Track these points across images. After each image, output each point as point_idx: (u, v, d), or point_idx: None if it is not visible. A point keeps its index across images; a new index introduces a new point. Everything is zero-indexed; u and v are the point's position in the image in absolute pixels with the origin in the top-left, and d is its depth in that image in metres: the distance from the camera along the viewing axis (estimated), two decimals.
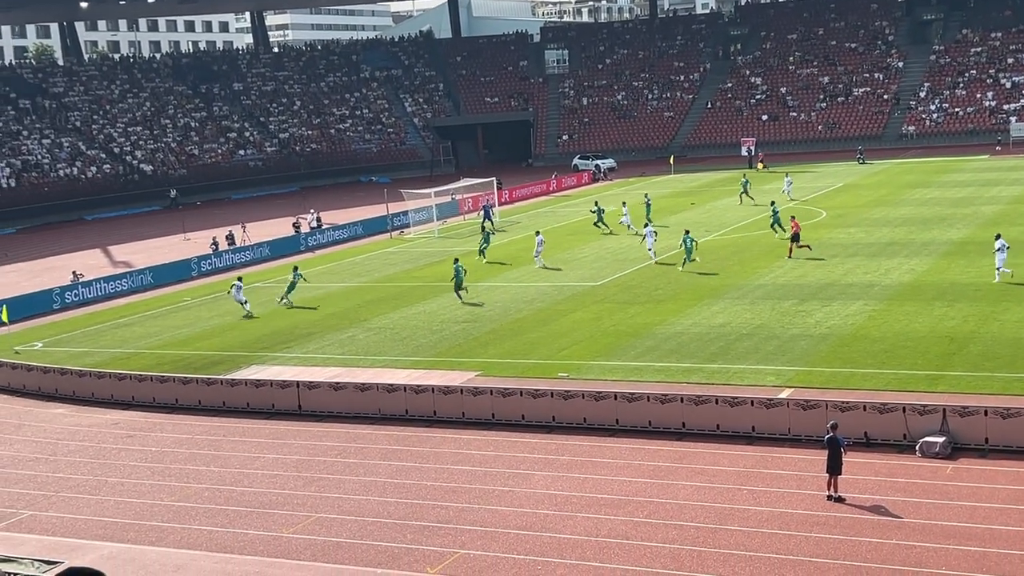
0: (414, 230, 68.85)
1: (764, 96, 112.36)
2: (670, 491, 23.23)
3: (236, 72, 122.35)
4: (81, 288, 52.52)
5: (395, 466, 26.26)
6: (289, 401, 31.50)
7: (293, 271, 47.74)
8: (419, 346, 37.15)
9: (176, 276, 56.44)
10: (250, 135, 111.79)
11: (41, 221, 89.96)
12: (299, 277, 47.08)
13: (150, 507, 24.85)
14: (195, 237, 70.80)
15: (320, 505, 24.07)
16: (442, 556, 20.90)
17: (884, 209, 60.50)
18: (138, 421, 32.08)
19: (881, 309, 36.91)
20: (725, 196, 72.43)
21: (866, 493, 22.29)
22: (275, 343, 39.38)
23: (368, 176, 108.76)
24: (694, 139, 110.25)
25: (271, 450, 28.32)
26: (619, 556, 20.29)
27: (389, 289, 48.21)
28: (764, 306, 38.70)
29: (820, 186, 74.59)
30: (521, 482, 24.47)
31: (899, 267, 43.71)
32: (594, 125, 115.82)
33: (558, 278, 47.56)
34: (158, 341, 41.57)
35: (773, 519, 21.42)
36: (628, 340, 35.51)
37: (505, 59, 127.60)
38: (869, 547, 19.88)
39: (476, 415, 29.07)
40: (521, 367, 33.28)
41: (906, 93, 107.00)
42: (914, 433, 24.59)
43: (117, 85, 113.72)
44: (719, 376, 30.58)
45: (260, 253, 62.23)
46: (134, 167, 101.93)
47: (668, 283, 44.31)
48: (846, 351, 32.15)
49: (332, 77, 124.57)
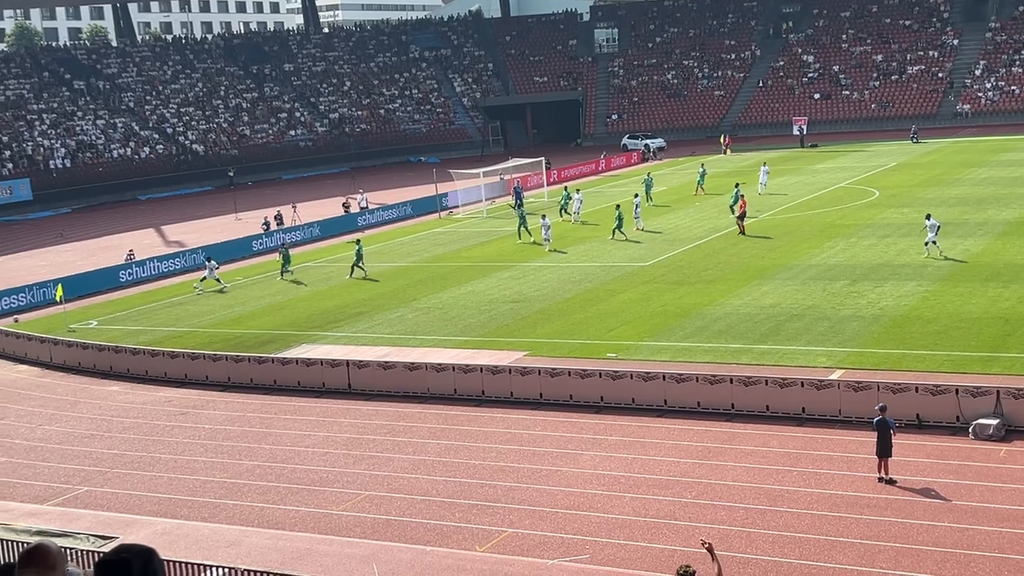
0: (463, 210, 68.93)
1: (816, 74, 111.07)
2: (719, 472, 23.16)
3: (287, 52, 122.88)
4: (135, 267, 53.17)
5: (443, 445, 26.40)
6: (339, 380, 31.74)
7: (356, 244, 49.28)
8: (467, 326, 37.26)
9: (228, 255, 56.90)
10: (301, 116, 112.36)
11: (96, 201, 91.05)
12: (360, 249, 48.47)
13: (203, 484, 25.18)
14: (246, 217, 71.38)
15: (369, 483, 24.26)
16: (490, 535, 21.00)
17: (938, 189, 59.70)
18: (191, 398, 32.48)
19: (934, 290, 36.48)
20: (777, 176, 71.73)
21: (918, 475, 22.10)
22: (325, 322, 39.67)
23: (417, 156, 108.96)
24: (745, 118, 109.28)
25: (321, 428, 28.58)
26: (667, 537, 20.28)
27: (438, 269, 48.36)
28: (815, 287, 38.39)
29: (873, 165, 73.71)
30: (569, 462, 24.51)
31: (953, 247, 43.15)
32: (644, 104, 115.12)
33: (606, 258, 47.45)
34: (210, 320, 42.02)
35: (823, 501, 21.30)
36: (677, 321, 35.38)
37: (554, 38, 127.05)
38: (920, 530, 19.72)
39: (524, 395, 29.14)
40: (569, 347, 33.29)
41: (961, 71, 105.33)
42: (967, 415, 24.32)
43: (169, 66, 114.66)
44: (769, 357, 30.40)
45: (310, 233, 62.61)
46: (186, 148, 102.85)
47: (717, 264, 44.06)
48: (898, 332, 31.83)
49: (382, 57, 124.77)
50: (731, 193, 55.34)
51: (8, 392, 34.92)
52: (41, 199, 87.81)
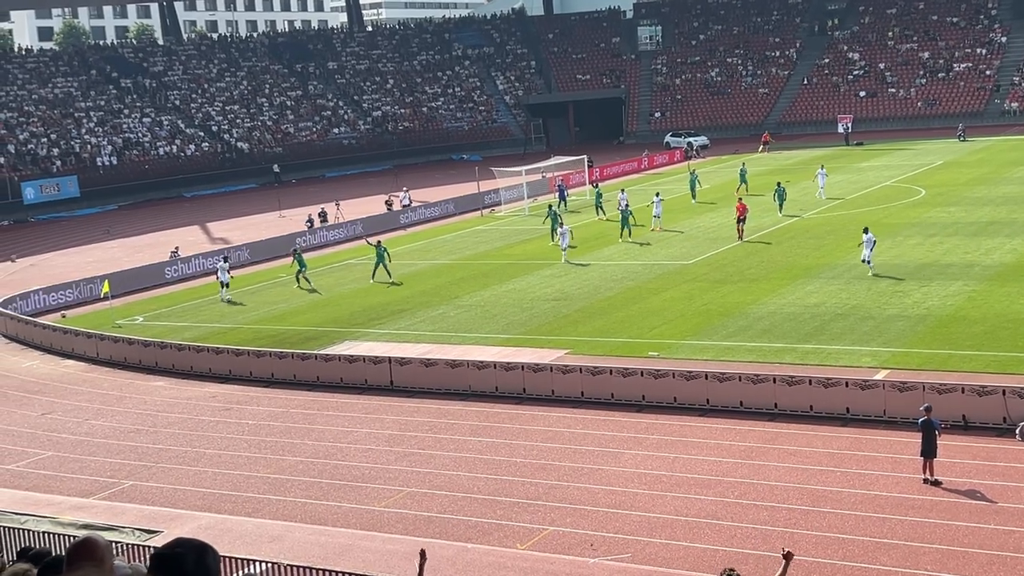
0: (505, 208, 68.98)
1: (862, 72, 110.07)
2: (762, 472, 23.03)
3: (331, 51, 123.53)
4: (180, 264, 53.67)
5: (485, 442, 26.45)
6: (381, 376, 31.88)
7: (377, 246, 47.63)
8: (509, 323, 37.29)
9: (272, 252, 57.31)
10: (344, 113, 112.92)
11: (142, 198, 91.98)
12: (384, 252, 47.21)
13: (247, 479, 25.38)
14: (290, 215, 71.84)
15: (411, 480, 24.35)
16: (531, 533, 21.01)
17: (985, 187, 58.99)
18: (235, 394, 32.74)
19: (981, 290, 36.06)
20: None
21: (963, 477, 21.87)
22: (368, 319, 39.85)
23: (459, 154, 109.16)
24: (789, 116, 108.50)
25: (364, 424, 28.71)
26: (710, 536, 20.20)
27: (479, 267, 48.42)
28: (859, 286, 38.07)
29: (919, 164, 72.96)
30: (611, 460, 24.48)
31: (1000, 247, 42.63)
32: (687, 102, 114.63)
33: (647, 257, 47.31)
34: (255, 316, 42.32)
35: (867, 502, 21.13)
36: (719, 319, 35.22)
37: (597, 36, 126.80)
38: (965, 532, 19.51)
39: (566, 393, 29.12)
40: (611, 345, 33.23)
41: (1009, 69, 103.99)
42: (1014, 417, 24.03)
43: (215, 64, 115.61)
44: (813, 356, 30.19)
45: (353, 231, 62.91)
46: (231, 145, 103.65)
47: (760, 262, 43.80)
48: (944, 332, 31.50)
49: (424, 55, 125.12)
50: (773, 191, 55.03)
51: (56, 387, 35.38)
52: (88, 196, 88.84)
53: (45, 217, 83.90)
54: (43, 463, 27.69)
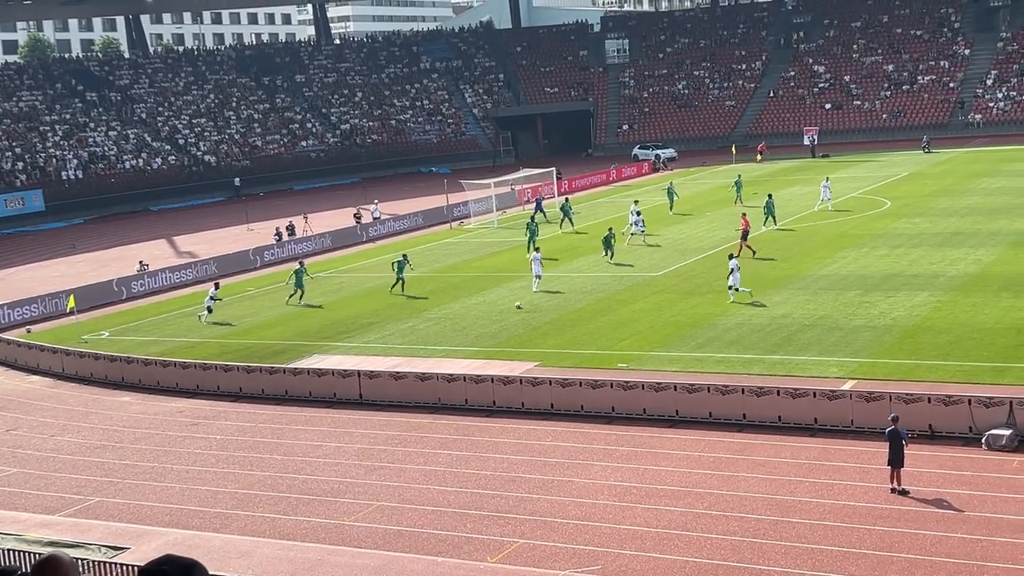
0: (474, 220, 68.99)
1: (827, 84, 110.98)
2: (731, 483, 23.10)
3: (298, 64, 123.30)
4: (147, 278, 53.32)
5: (455, 455, 26.39)
6: (350, 390, 31.76)
7: (401, 259, 46.43)
8: (479, 336, 37.27)
9: (240, 266, 57.06)
10: (312, 126, 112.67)
11: (108, 212, 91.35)
12: (406, 263, 46.17)
13: (214, 494, 25.20)
14: (258, 228, 71.55)
15: (381, 493, 24.26)
16: (502, 545, 20.98)
17: (950, 198, 59.56)
18: (203, 409, 32.53)
19: (946, 300, 36.38)
20: (787, 185, 71.69)
21: (931, 486, 22.02)
22: (337, 333, 39.72)
23: (428, 167, 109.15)
24: (756, 128, 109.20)
25: (333, 438, 28.59)
26: (679, 548, 20.23)
27: (449, 279, 48.38)
28: (826, 297, 38.32)
29: (885, 175, 73.59)
30: (580, 472, 24.48)
31: (965, 257, 43.04)
32: (654, 115, 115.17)
33: (616, 268, 47.42)
34: (222, 330, 42.09)
35: (835, 512, 21.24)
36: (688, 331, 35.34)
37: (565, 49, 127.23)
38: (933, 541, 19.64)
39: (535, 405, 29.12)
40: (580, 357, 33.27)
41: (972, 81, 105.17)
42: (980, 426, 24.23)
43: (182, 77, 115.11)
44: (781, 367, 30.34)
45: (322, 244, 62.75)
46: (198, 158, 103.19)
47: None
48: (910, 342, 31.74)
49: (393, 68, 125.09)
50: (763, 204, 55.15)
51: (21, 403, 35.02)
52: (54, 210, 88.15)
53: (10, 231, 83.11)
54: (8, 480, 27.39)
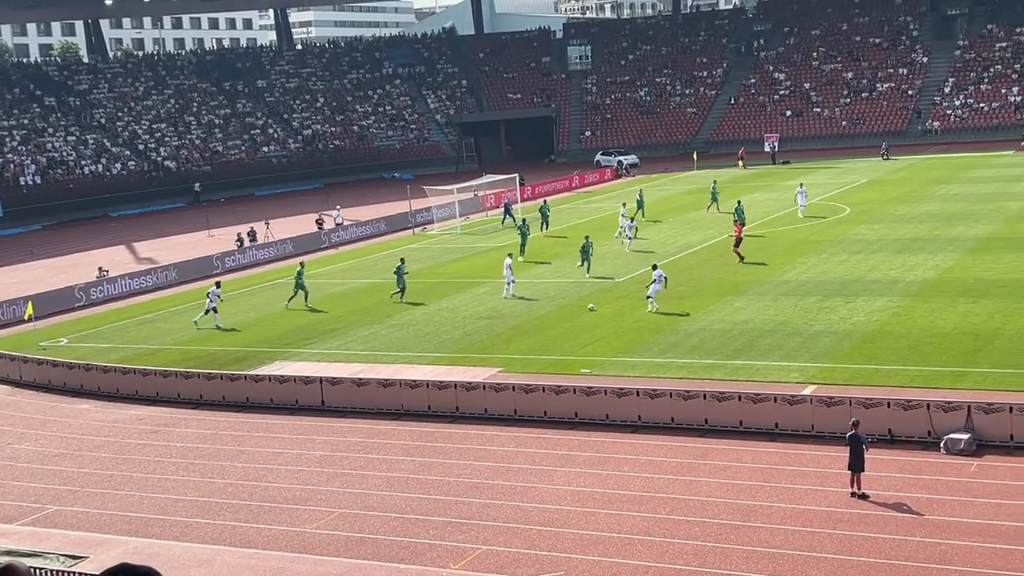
0: (437, 226, 68.94)
1: (788, 92, 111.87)
2: (693, 488, 23.20)
3: (260, 69, 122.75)
4: (106, 284, 52.83)
5: (418, 462, 26.33)
6: (312, 397, 31.62)
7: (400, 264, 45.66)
8: (442, 342, 37.21)
9: (200, 272, 56.68)
10: (274, 132, 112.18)
11: (67, 218, 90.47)
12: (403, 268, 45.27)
13: (175, 502, 25.00)
14: (219, 234, 71.11)
15: (343, 501, 24.16)
16: (464, 552, 20.95)
17: (908, 205, 60.15)
18: (163, 417, 32.27)
19: (905, 305, 36.73)
20: (748, 192, 72.13)
21: (890, 490, 22.21)
22: (298, 339, 39.53)
23: (391, 173, 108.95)
24: (717, 135, 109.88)
25: (295, 446, 28.44)
26: (641, 553, 20.28)
27: (412, 285, 48.22)
28: (787, 302, 38.58)
29: (844, 182, 74.23)
30: (543, 478, 24.49)
31: (924, 263, 43.49)
32: (617, 121, 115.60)
33: (579, 275, 47.51)
34: (183, 337, 41.78)
35: (796, 516, 21.37)
36: (650, 336, 35.47)
37: (528, 55, 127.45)
38: (893, 544, 19.81)
39: (498, 411, 29.11)
40: (543, 363, 33.30)
41: (930, 88, 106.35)
42: (939, 430, 24.47)
43: (141, 82, 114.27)
44: (742, 372, 30.51)
45: (284, 250, 62.46)
46: (158, 164, 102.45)
47: (690, 279, 44.22)
48: (870, 348, 32.01)
49: (355, 74, 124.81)
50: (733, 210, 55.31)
51: None
52: (11, 216, 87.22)
53: None
54: None
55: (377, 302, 45.03)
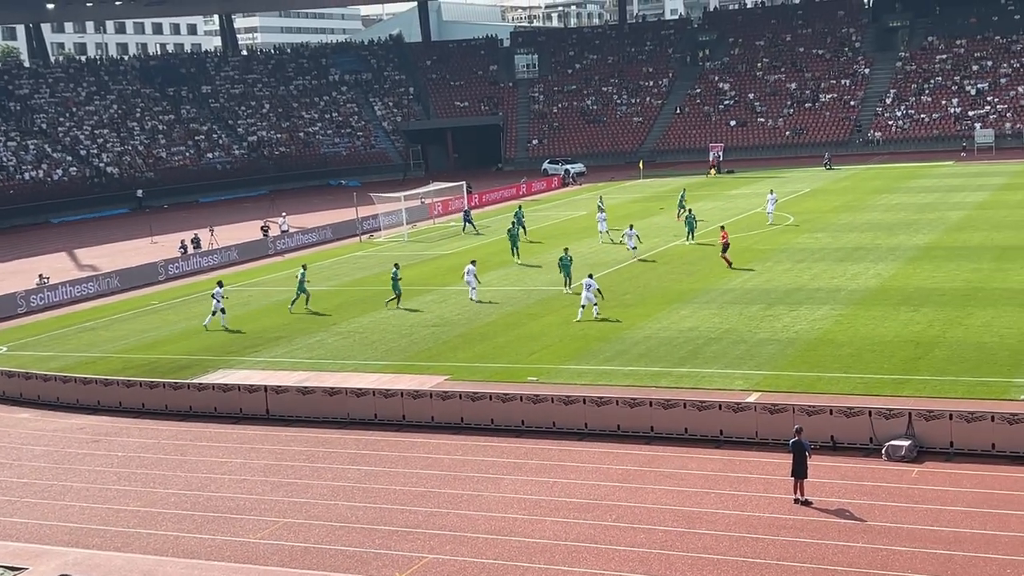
0: (384, 234, 68.72)
1: (732, 102, 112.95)
2: (638, 495, 23.28)
3: (204, 75, 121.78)
4: (47, 292, 52.07)
5: (363, 471, 26.19)
6: (257, 405, 31.34)
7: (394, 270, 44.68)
8: (388, 350, 37.08)
9: (143, 279, 56.08)
10: (218, 138, 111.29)
11: (6, 224, 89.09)
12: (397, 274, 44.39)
13: (116, 512, 24.67)
14: (162, 240, 70.38)
15: (288, 510, 23.97)
16: (410, 561, 20.86)
17: (851, 214, 60.89)
18: (104, 426, 31.84)
19: (847, 314, 37.16)
20: (693, 201, 72.63)
21: (832, 496, 22.43)
22: (243, 347, 39.20)
23: (338, 180, 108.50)
24: (663, 144, 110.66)
25: (238, 455, 28.18)
26: (588, 560, 20.32)
27: (358, 293, 48.05)
28: (732, 310, 38.89)
29: (788, 191, 75.00)
30: (490, 486, 24.47)
31: (865, 272, 44.04)
32: (564, 130, 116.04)
33: (527, 282, 47.59)
34: (124, 345, 41.28)
35: (741, 522, 21.52)
36: (597, 344, 35.58)
37: (475, 63, 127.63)
38: (835, 550, 20.00)
39: (445, 419, 29.04)
40: (490, 371, 33.28)
41: (872, 100, 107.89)
42: (880, 437, 24.76)
43: (84, 87, 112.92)
44: (687, 380, 30.69)
45: (228, 257, 61.94)
46: (101, 170, 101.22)
47: (636, 287, 44.44)
48: (813, 355, 32.34)
49: (301, 80, 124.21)
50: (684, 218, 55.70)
51: None
52: None
53: None
54: None
55: (323, 310, 44.77)
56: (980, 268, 42.82)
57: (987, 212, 57.87)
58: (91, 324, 46.19)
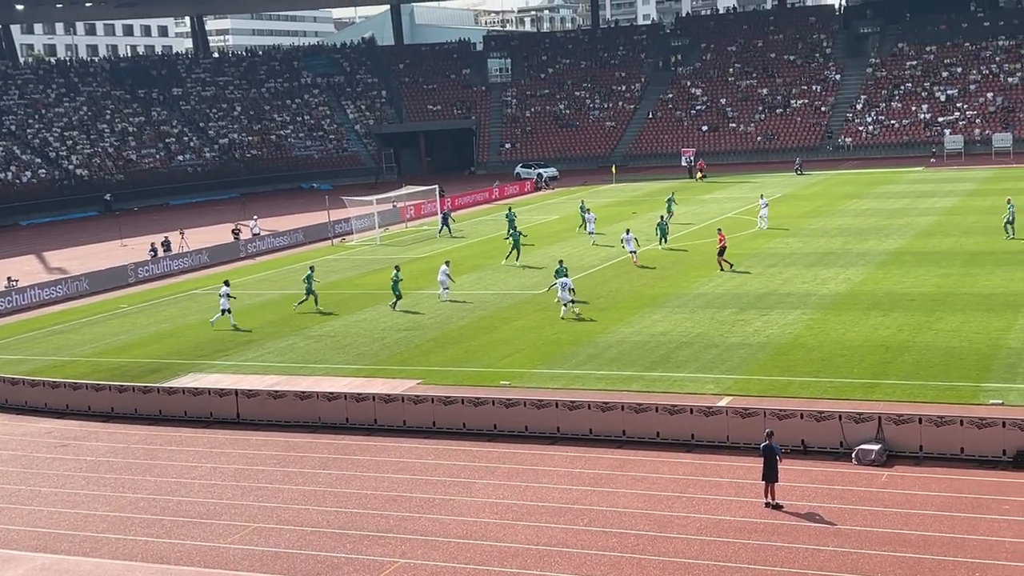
0: (356, 237, 68.55)
1: (704, 107, 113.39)
2: (610, 499, 23.30)
3: (175, 77, 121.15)
4: (15, 295, 51.62)
5: (335, 475, 26.10)
6: (227, 410, 31.17)
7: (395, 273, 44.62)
8: (360, 354, 36.97)
9: (113, 283, 55.70)
10: (189, 140, 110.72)
11: None
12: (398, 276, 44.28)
13: (84, 517, 24.47)
14: (132, 243, 69.92)
15: (258, 515, 23.85)
16: (382, 566, 20.79)
17: (821, 219, 61.22)
18: (72, 430, 31.59)
19: (818, 318, 37.35)
20: (663, 206, 72.86)
21: (803, 500, 22.52)
22: (214, 351, 38.99)
23: (309, 183, 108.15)
24: (635, 149, 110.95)
25: (209, 459, 28.02)
26: (560, 564, 20.31)
27: (330, 296, 47.88)
28: (704, 315, 39.01)
29: (759, 196, 75.20)
30: (462, 491, 24.43)
31: (836, 277, 44.28)
32: (536, 134, 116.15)
33: (500, 286, 47.58)
34: (94, 348, 40.98)
35: (712, 526, 21.57)
36: (570, 348, 35.60)
37: (448, 67, 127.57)
38: (806, 554, 20.08)
39: (417, 423, 28.98)
40: (463, 375, 33.24)
41: (843, 105, 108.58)
42: (850, 441, 24.89)
43: (53, 89, 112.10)
44: (659, 384, 30.75)
45: (199, 260, 61.62)
46: (70, 172, 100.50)
47: (608, 291, 44.51)
48: (784, 360, 32.48)
49: (273, 83, 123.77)
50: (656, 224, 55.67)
51: None
52: None
53: None
54: None
55: (294, 313, 44.59)
56: (949, 273, 43.14)
57: (956, 218, 58.33)
58: (60, 327, 45.83)
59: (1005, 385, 28.58)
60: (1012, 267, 43.50)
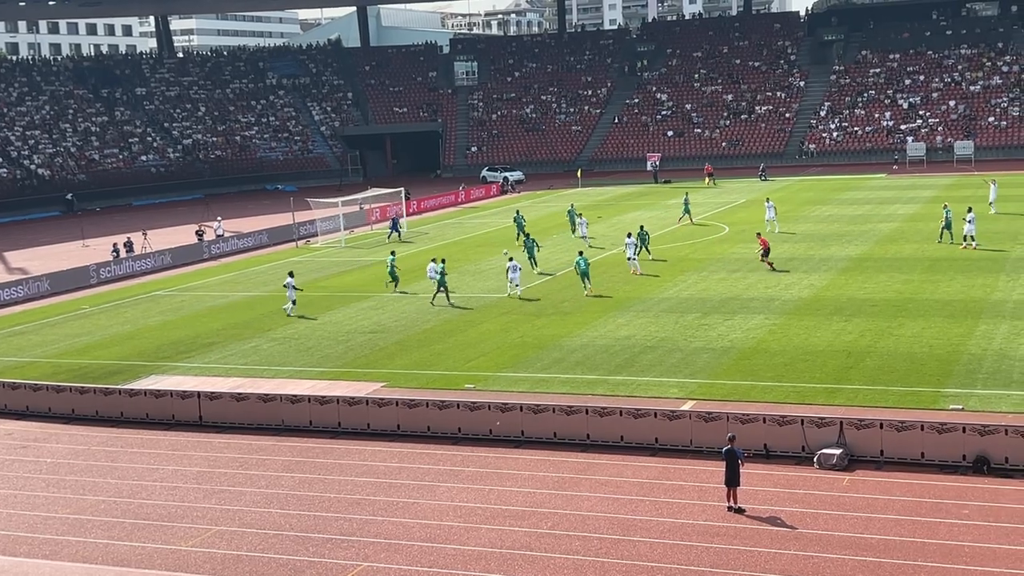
0: (321, 239, 68.32)
1: (670, 112, 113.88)
2: (574, 502, 23.34)
3: (139, 76, 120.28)
4: None
5: (298, 478, 25.99)
6: (190, 412, 30.97)
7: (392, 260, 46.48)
8: (324, 357, 36.84)
9: (74, 283, 55.20)
10: (153, 141, 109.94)
11: None
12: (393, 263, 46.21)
13: (44, 520, 24.23)
14: (94, 244, 69.32)
15: (220, 518, 23.70)
16: (345, 569, 20.73)
17: (784, 225, 61.58)
18: (33, 431, 31.27)
19: (781, 323, 37.59)
20: (631, 210, 73.18)
21: (765, 504, 22.65)
22: (176, 352, 38.73)
23: (274, 184, 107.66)
24: (601, 153, 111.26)
25: (170, 462, 27.83)
26: (523, 568, 20.32)
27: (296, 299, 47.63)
28: (668, 319, 39.16)
29: (723, 202, 75.75)
30: (426, 494, 24.39)
31: (799, 282, 44.58)
32: (503, 137, 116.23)
33: (465, 289, 47.55)
34: (55, 350, 40.59)
35: (675, 530, 21.66)
36: (534, 352, 35.64)
37: (414, 69, 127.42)
38: (768, 557, 20.21)
39: (381, 426, 28.91)
40: (427, 378, 33.19)
41: (807, 112, 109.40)
42: (812, 445, 25.06)
43: (15, 88, 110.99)
44: (623, 388, 30.84)
45: (161, 261, 61.19)
46: (32, 172, 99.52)
47: (574, 296, 44.59)
48: (747, 364, 32.66)
49: (238, 84, 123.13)
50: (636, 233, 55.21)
51: None
52: None
53: None
54: None
55: (258, 315, 44.38)
56: (911, 279, 43.55)
57: (918, 224, 58.88)
58: (20, 328, 45.37)
59: (965, 391, 28.89)
60: (973, 274, 43.98)
